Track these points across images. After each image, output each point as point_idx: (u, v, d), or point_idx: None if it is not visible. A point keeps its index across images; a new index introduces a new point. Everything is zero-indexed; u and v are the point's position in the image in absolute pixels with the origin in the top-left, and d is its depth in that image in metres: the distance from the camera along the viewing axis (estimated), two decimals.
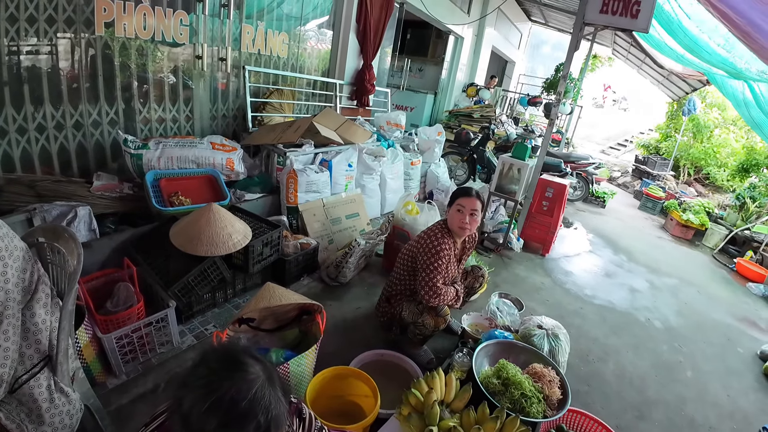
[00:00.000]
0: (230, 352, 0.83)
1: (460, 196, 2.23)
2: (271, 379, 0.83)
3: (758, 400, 2.64)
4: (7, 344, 0.99)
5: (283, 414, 0.82)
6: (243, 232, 2.42)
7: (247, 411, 0.76)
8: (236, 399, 0.76)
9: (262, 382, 0.80)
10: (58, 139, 2.60)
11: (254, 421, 0.76)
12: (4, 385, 1.01)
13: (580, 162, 6.01)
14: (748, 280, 4.54)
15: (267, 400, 0.79)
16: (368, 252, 3.08)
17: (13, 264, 1.02)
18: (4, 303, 0.99)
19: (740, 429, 2.35)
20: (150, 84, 3.05)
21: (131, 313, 1.95)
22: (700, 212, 5.91)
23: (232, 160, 3.08)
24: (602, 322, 3.22)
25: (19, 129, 2.42)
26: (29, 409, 1.09)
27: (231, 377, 0.78)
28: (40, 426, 1.11)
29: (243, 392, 0.77)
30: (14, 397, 1.07)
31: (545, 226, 4.09)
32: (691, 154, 8.64)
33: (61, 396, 1.17)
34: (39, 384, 1.11)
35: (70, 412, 1.20)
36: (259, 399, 0.78)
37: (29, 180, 2.36)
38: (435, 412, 1.55)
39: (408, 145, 4.73)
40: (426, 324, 2.13)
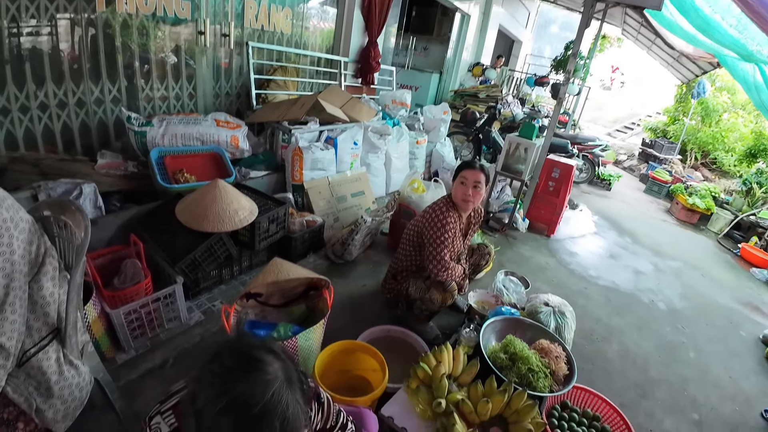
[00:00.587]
0: (246, 348, 0.78)
1: (464, 168, 2.22)
2: (290, 380, 0.77)
3: (760, 383, 2.65)
4: (14, 317, 0.98)
5: (300, 418, 0.77)
6: (249, 208, 2.40)
7: (261, 416, 0.71)
8: (251, 402, 0.71)
9: (279, 384, 0.74)
10: (60, 117, 2.58)
11: (269, 427, 0.71)
12: (12, 358, 1.00)
13: (586, 144, 5.94)
14: (752, 266, 4.53)
15: (284, 404, 0.73)
16: (374, 230, 3.07)
17: (18, 236, 1.00)
18: (10, 275, 0.98)
19: (742, 411, 2.37)
20: (152, 61, 3.00)
21: (139, 288, 1.96)
22: (706, 196, 5.86)
23: (236, 137, 3.05)
24: (606, 303, 3.23)
25: (21, 108, 2.39)
26: (38, 382, 1.08)
27: (246, 378, 0.73)
28: (49, 399, 1.10)
29: (258, 395, 0.71)
30: (22, 371, 1.06)
31: (551, 207, 4.06)
32: (698, 138, 8.52)
33: (70, 368, 1.17)
34: (48, 357, 1.10)
35: (79, 385, 1.20)
36: (275, 403, 0.72)
37: (33, 158, 2.35)
38: (443, 384, 1.56)
39: (413, 124, 4.68)
40: (433, 299, 2.13)
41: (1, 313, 0.96)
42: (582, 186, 6.27)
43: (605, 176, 6.46)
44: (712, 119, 8.53)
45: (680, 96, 9.67)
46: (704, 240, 5.24)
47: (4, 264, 0.96)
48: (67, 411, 1.15)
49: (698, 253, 4.70)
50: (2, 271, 0.96)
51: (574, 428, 1.94)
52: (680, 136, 8.41)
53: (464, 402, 1.53)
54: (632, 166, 8.71)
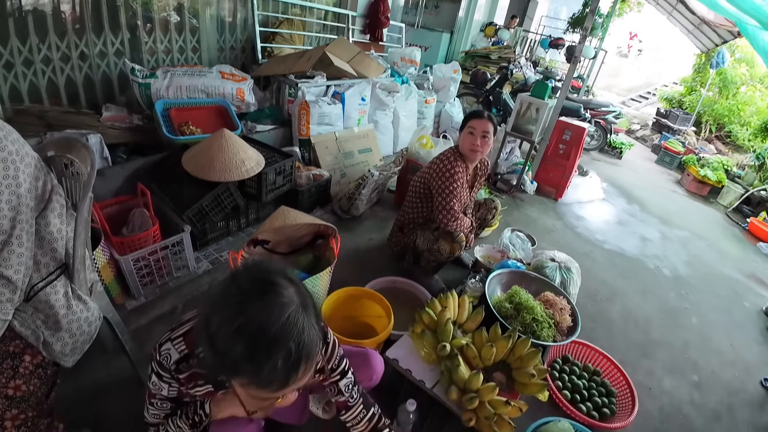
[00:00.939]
0: (263, 273, 0.76)
1: (472, 118, 2.18)
2: (305, 305, 0.76)
3: (761, 352, 2.66)
4: (21, 250, 0.98)
5: (315, 342, 0.76)
6: (256, 159, 2.38)
7: (276, 338, 0.70)
8: (266, 324, 0.70)
9: (295, 308, 0.73)
10: (64, 71, 2.57)
11: (284, 349, 0.70)
12: (19, 292, 1.00)
13: (600, 109, 5.77)
14: (759, 240, 4.47)
15: (299, 327, 0.72)
16: (381, 185, 3.05)
17: (24, 169, 1.00)
18: (17, 208, 0.97)
19: (741, 377, 2.40)
20: (155, 12, 2.92)
21: (147, 236, 1.97)
22: (718, 169, 5.76)
23: (242, 90, 2.99)
24: (612, 266, 3.23)
25: (25, 61, 2.38)
26: (45, 315, 1.09)
27: (262, 299, 0.72)
28: (57, 332, 1.11)
29: (274, 317, 0.70)
30: (30, 305, 1.07)
31: (560, 170, 3.99)
32: (714, 110, 8.27)
33: (78, 303, 1.17)
34: (56, 291, 1.11)
35: (88, 320, 1.21)
36: (291, 325, 0.71)
37: (38, 111, 2.34)
38: (448, 329, 1.57)
39: (422, 83, 4.55)
40: (441, 250, 2.13)
41: (7, 246, 0.96)
42: (593, 153, 6.14)
43: (617, 144, 6.32)
44: (730, 91, 8.26)
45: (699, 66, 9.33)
46: (713, 212, 5.17)
47: (11, 196, 0.96)
48: (75, 345, 1.17)
49: (706, 225, 4.65)
50: (8, 203, 0.95)
51: (575, 381, 1.98)
52: (696, 107, 8.16)
53: (468, 347, 1.55)
54: (645, 136, 8.50)
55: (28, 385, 1.04)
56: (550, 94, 3.67)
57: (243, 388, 0.78)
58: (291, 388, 0.77)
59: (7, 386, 1.00)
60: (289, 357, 0.71)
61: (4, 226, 0.95)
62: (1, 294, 0.96)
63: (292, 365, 0.72)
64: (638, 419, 1.87)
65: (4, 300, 0.97)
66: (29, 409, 1.03)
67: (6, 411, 0.98)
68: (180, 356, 0.91)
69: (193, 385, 0.95)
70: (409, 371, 1.56)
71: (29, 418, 1.02)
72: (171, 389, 0.97)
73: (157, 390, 0.98)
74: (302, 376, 0.75)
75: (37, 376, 1.07)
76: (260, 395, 0.77)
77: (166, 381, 0.95)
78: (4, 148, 0.95)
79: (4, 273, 0.96)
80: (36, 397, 1.06)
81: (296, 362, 0.72)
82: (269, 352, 0.69)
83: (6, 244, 0.96)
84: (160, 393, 0.98)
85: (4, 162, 0.95)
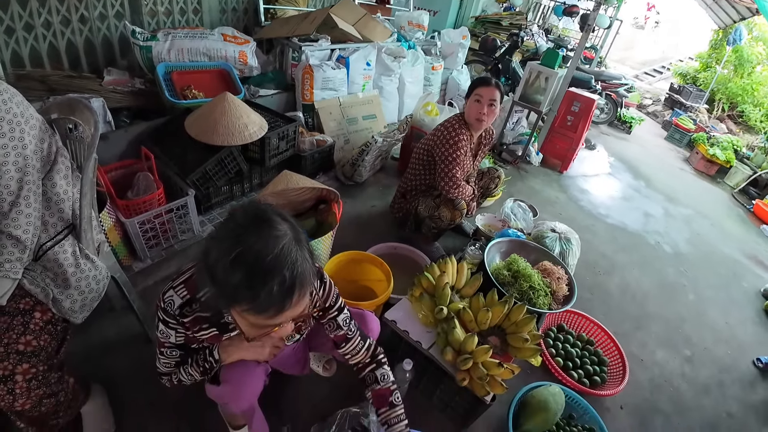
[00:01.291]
0: (259, 210, 0.81)
1: (479, 85, 2.12)
2: (299, 240, 0.81)
3: (755, 332, 2.69)
4: (29, 210, 1.00)
5: (309, 272, 0.81)
6: (259, 123, 2.36)
7: (272, 266, 0.75)
8: (262, 253, 0.75)
9: (289, 240, 0.78)
10: (65, 34, 2.53)
11: (279, 276, 0.75)
12: (28, 251, 1.02)
13: (611, 81, 5.61)
14: (763, 223, 4.44)
15: (293, 257, 0.77)
16: (385, 152, 3.02)
17: (30, 131, 1.01)
18: (23, 169, 0.99)
19: (734, 355, 2.43)
20: None
21: (152, 199, 1.98)
22: (727, 149, 5.65)
23: (245, 53, 2.93)
24: (612, 240, 3.23)
25: (26, 26, 2.36)
26: (54, 273, 1.12)
27: (258, 232, 0.77)
28: (66, 290, 1.14)
29: (269, 247, 0.75)
30: (39, 264, 1.10)
31: (567, 142, 3.93)
32: (728, 88, 8.03)
33: (86, 262, 1.20)
34: (64, 250, 1.13)
35: (96, 277, 1.24)
36: (285, 255, 0.76)
37: (40, 75, 2.33)
38: (446, 293, 1.60)
39: (430, 48, 4.41)
40: (442, 216, 2.14)
41: (16, 206, 0.98)
42: (601, 127, 6.03)
43: (627, 118, 6.18)
44: (745, 70, 8.00)
45: (715, 42, 9.00)
46: (719, 192, 5.12)
47: (17, 158, 0.97)
48: (84, 302, 1.20)
49: (711, 204, 4.61)
50: (15, 165, 0.97)
51: (568, 348, 2.03)
52: (710, 84, 7.92)
53: (465, 311, 1.58)
54: (656, 112, 8.30)
55: (39, 340, 1.07)
56: (560, 64, 3.57)
57: (242, 317, 0.83)
58: (286, 315, 0.82)
59: (18, 342, 1.03)
60: (283, 283, 0.76)
61: (11, 187, 0.97)
62: (10, 254, 0.99)
63: (286, 291, 0.77)
64: (628, 388, 1.92)
65: (13, 259, 1.00)
66: (40, 363, 1.06)
67: (17, 365, 1.02)
68: (183, 301, 0.96)
69: (198, 329, 1.00)
70: (407, 332, 1.60)
71: (39, 372, 1.06)
72: (178, 335, 1.01)
73: (165, 338, 1.02)
74: (297, 302, 0.81)
75: (47, 332, 1.10)
76: (258, 322, 0.82)
77: (172, 327, 0.99)
78: (9, 111, 0.96)
79: (13, 233, 0.98)
80: (46, 353, 1.09)
81: (290, 288, 0.77)
82: (265, 278, 0.74)
83: (14, 205, 0.98)
84: (168, 341, 1.03)
85: (10, 124, 0.96)
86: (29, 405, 1.05)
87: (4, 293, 1.01)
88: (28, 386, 1.03)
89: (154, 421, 1.47)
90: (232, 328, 1.02)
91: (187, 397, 1.52)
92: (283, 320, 0.84)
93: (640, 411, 1.93)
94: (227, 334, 1.04)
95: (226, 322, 1.02)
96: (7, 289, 1.02)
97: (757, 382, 2.30)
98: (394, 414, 1.14)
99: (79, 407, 1.31)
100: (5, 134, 0.94)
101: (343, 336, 1.18)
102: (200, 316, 0.98)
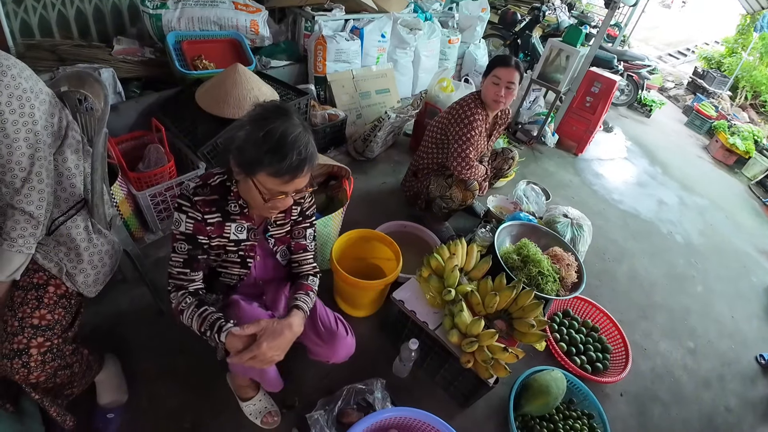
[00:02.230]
0: (280, 104, 1.03)
1: (497, 65, 2.04)
2: (308, 130, 1.03)
3: (760, 328, 2.66)
4: (41, 186, 1.01)
5: (314, 155, 1.02)
6: (270, 96, 2.32)
7: (293, 142, 0.96)
8: (287, 132, 0.96)
9: (303, 128, 1.01)
10: (74, 3, 2.47)
11: (297, 150, 0.96)
12: (41, 227, 1.03)
13: (634, 62, 5.39)
14: None
15: (306, 140, 0.99)
16: (397, 128, 2.97)
17: (40, 106, 1.00)
18: (34, 145, 0.98)
19: (737, 349, 2.42)
20: None
21: (163, 171, 1.97)
22: (748, 139, 5.47)
23: (256, 21, 2.83)
24: (624, 227, 3.19)
25: None
26: (68, 248, 1.13)
27: (281, 118, 0.98)
28: (79, 264, 1.15)
29: (290, 129, 0.97)
30: (52, 239, 1.11)
31: (584, 124, 3.83)
32: (753, 76, 7.70)
33: (99, 237, 1.21)
34: (76, 225, 1.14)
35: (109, 252, 1.25)
36: (301, 137, 0.98)
37: (49, 44, 2.29)
38: (455, 275, 1.59)
39: (447, 21, 4.24)
40: (454, 197, 2.11)
41: (28, 182, 0.98)
42: (620, 109, 5.84)
43: (647, 101, 5.98)
44: None
45: (742, 27, 8.62)
46: (736, 183, 4.99)
47: (28, 134, 0.97)
48: (98, 276, 1.21)
49: (727, 195, 4.50)
50: (26, 141, 0.97)
51: (573, 334, 2.04)
52: (735, 70, 7.61)
53: (473, 293, 1.58)
54: (678, 96, 8.03)
55: (53, 314, 1.09)
56: (583, 42, 3.42)
57: (260, 182, 1.00)
58: (296, 183, 1.01)
59: (33, 315, 1.05)
60: (300, 156, 0.97)
61: (23, 164, 0.97)
62: (23, 229, 1.00)
63: (301, 162, 0.98)
64: (629, 376, 1.93)
65: (26, 234, 1.00)
66: (54, 336, 1.08)
67: (32, 339, 1.03)
68: (196, 185, 1.11)
69: (208, 210, 1.11)
70: (414, 312, 1.60)
71: (54, 345, 1.08)
72: (188, 221, 1.10)
73: (176, 227, 1.11)
74: (305, 175, 1.02)
75: (62, 306, 1.12)
76: (273, 187, 1.00)
77: (184, 210, 1.10)
78: (19, 86, 0.95)
79: (25, 209, 0.99)
80: (61, 326, 1.11)
81: (304, 161, 0.98)
82: (289, 150, 0.96)
83: (26, 181, 0.98)
84: (178, 230, 1.11)
85: (20, 100, 0.95)
86: (44, 377, 1.07)
87: (18, 267, 1.03)
88: (43, 359, 1.05)
89: (164, 390, 1.52)
90: (233, 218, 1.16)
91: (198, 366, 1.56)
92: (292, 188, 1.02)
93: (639, 399, 1.95)
94: (228, 224, 1.15)
95: (229, 211, 1.14)
96: (21, 264, 1.03)
97: (758, 379, 2.29)
98: (303, 295, 1.24)
99: (93, 377, 1.34)
100: (15, 110, 0.93)
101: (304, 246, 1.34)
102: (210, 200, 1.11)
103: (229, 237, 1.17)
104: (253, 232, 1.21)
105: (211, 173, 1.13)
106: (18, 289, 1.07)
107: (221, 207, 1.12)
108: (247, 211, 1.16)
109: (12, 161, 0.95)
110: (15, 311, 1.04)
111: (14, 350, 1.01)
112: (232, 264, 1.24)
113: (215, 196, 1.11)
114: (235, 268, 1.25)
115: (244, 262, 1.24)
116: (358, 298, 1.85)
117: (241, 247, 1.21)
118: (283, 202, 1.06)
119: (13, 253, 1.00)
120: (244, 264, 1.24)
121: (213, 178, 1.12)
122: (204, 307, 1.10)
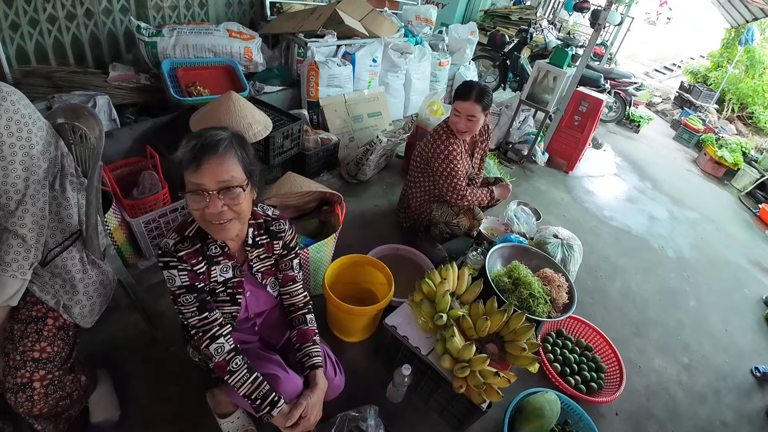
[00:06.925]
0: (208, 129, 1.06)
1: (457, 98, 2.00)
2: (235, 135, 1.06)
3: (755, 341, 2.68)
4: (34, 209, 1.02)
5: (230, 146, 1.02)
6: (263, 122, 2.35)
7: (203, 135, 1.00)
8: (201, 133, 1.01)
9: (226, 132, 1.03)
10: (70, 29, 2.52)
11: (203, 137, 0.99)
12: (33, 251, 1.04)
13: (621, 80, 5.53)
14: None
15: (220, 134, 1.01)
16: (389, 151, 3.01)
17: (37, 132, 1.02)
18: (30, 168, 1.00)
19: (732, 363, 2.43)
20: None
21: (157, 198, 1.99)
22: (736, 151, 5.58)
23: (250, 49, 2.91)
24: (616, 243, 3.22)
25: (30, 21, 2.35)
26: (63, 280, 1.14)
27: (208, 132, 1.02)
28: (74, 295, 1.16)
29: (211, 131, 1.02)
30: (47, 270, 1.12)
31: (574, 142, 3.90)
32: (739, 88, 7.90)
33: (93, 268, 1.22)
34: (72, 256, 1.16)
35: (103, 282, 1.26)
36: (215, 133, 1.01)
37: (45, 71, 2.33)
38: (446, 300, 1.61)
39: (437, 44, 4.37)
40: (461, 225, 2.14)
41: (22, 205, 1.00)
42: (609, 125, 5.96)
43: (635, 117, 6.11)
44: (756, 71, 7.86)
45: (727, 41, 8.85)
46: (726, 195, 5.06)
47: (24, 157, 0.99)
48: (93, 307, 1.23)
49: (717, 208, 4.56)
50: (22, 164, 0.98)
51: (566, 354, 2.05)
52: (721, 84, 7.80)
53: (464, 318, 1.59)
54: (665, 111, 8.20)
55: (53, 346, 1.10)
56: (569, 63, 3.52)
57: (186, 184, 1.01)
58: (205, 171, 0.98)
59: (33, 349, 1.06)
60: (203, 143, 0.98)
61: (18, 186, 0.98)
62: (16, 253, 1.01)
63: (205, 146, 0.98)
64: (624, 395, 1.93)
65: (20, 259, 1.01)
66: (55, 369, 1.09)
67: (34, 372, 1.05)
68: (175, 241, 1.10)
69: (195, 262, 1.12)
70: (406, 338, 1.61)
71: (56, 377, 1.09)
72: (181, 274, 1.10)
73: (171, 284, 1.11)
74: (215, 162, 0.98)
75: (60, 338, 1.13)
76: (190, 180, 0.99)
77: (172, 265, 1.09)
78: (18, 111, 0.97)
79: (18, 231, 1.00)
80: (60, 358, 1.12)
81: (206, 147, 0.98)
82: (193, 140, 0.99)
83: (20, 203, 0.99)
84: (174, 286, 1.11)
85: (18, 124, 0.97)
86: (47, 409, 1.08)
87: (14, 293, 1.03)
88: (46, 392, 1.06)
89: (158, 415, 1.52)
90: (217, 261, 1.16)
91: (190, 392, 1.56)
92: (208, 179, 0.98)
93: (634, 418, 1.95)
94: (214, 267, 1.16)
95: (211, 255, 1.15)
96: (16, 290, 1.03)
97: (754, 392, 2.30)
98: (315, 349, 1.28)
99: (88, 398, 1.36)
100: (13, 133, 0.96)
101: (293, 277, 1.35)
102: (192, 251, 1.11)
103: (217, 279, 1.18)
104: (238, 269, 1.22)
105: (185, 223, 1.13)
106: (18, 323, 1.08)
107: (204, 253, 1.13)
108: (228, 249, 1.17)
109: (7, 183, 0.96)
110: (16, 345, 1.05)
111: (18, 384, 1.02)
112: (222, 303, 1.23)
113: (197, 245, 1.11)
114: (226, 306, 1.24)
115: (234, 299, 1.24)
116: (351, 324, 1.86)
117: (228, 285, 1.21)
118: (213, 206, 1.00)
119: (7, 278, 1.01)
120: (234, 301, 1.24)
121: (189, 229, 1.12)
122: (255, 373, 1.14)
